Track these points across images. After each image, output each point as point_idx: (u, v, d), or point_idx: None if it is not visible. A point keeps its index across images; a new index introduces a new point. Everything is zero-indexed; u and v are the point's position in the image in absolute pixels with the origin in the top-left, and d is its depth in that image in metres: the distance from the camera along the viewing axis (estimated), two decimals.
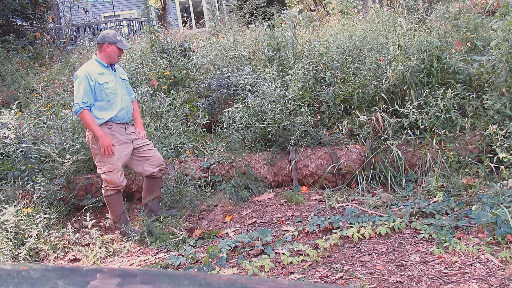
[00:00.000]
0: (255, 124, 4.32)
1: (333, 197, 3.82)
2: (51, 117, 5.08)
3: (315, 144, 4.29)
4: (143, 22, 12.51)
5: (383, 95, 4.32)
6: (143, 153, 3.65)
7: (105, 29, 12.63)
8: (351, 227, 3.13)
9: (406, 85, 4.28)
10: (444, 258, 2.69)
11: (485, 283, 2.40)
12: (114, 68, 3.56)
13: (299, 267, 2.74)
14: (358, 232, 3.06)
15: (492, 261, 2.60)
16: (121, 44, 3.46)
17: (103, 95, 3.40)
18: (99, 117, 3.41)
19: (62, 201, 4.10)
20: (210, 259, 2.88)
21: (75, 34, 12.30)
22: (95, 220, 3.77)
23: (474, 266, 2.58)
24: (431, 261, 2.68)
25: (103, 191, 3.56)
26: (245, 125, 4.37)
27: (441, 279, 2.48)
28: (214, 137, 5.05)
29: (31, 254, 3.37)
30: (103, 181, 3.53)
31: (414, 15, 5.48)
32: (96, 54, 3.53)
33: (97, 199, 4.15)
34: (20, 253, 3.30)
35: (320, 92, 4.60)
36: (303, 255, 2.85)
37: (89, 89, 3.35)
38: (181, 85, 5.83)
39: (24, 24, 12.55)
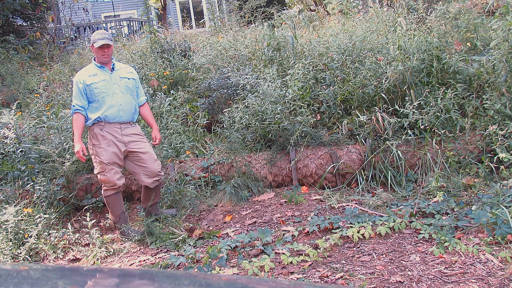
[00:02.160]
0: (255, 124, 4.32)
1: (333, 197, 3.82)
2: (51, 117, 5.08)
3: (315, 144, 4.29)
4: (143, 22, 12.51)
5: (383, 95, 4.32)
6: (138, 161, 3.57)
7: (105, 29, 12.63)
8: (351, 227, 3.13)
9: (406, 85, 4.28)
10: (444, 258, 2.69)
11: (485, 283, 2.40)
12: (113, 68, 3.55)
13: (299, 267, 2.74)
14: (358, 232, 3.06)
15: (492, 261, 2.60)
16: (96, 43, 3.44)
17: (93, 96, 3.44)
18: (90, 117, 3.45)
19: (62, 201, 4.10)
20: (210, 259, 2.88)
21: (75, 34, 12.30)
22: (95, 220, 3.77)
23: (474, 266, 2.58)
24: (431, 261, 2.68)
25: (102, 191, 3.56)
26: (245, 125, 4.37)
27: (441, 279, 2.48)
28: (214, 137, 5.05)
29: (31, 254, 3.37)
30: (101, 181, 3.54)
31: (414, 15, 5.48)
32: None
33: (97, 199, 4.16)
34: (20, 253, 3.30)
35: (320, 92, 4.60)
36: (303, 255, 2.85)
37: (79, 92, 3.44)
38: (181, 85, 5.83)
39: (24, 24, 12.54)
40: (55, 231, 3.58)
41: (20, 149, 4.24)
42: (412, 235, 3.05)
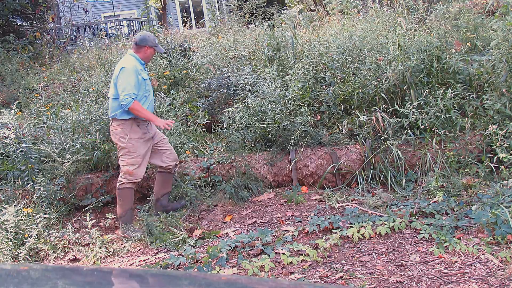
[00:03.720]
0: (255, 124, 4.32)
1: (333, 197, 3.82)
2: (51, 117, 5.08)
3: (315, 144, 4.29)
4: (143, 22, 12.51)
5: (383, 95, 4.32)
6: (161, 146, 3.79)
7: (105, 29, 12.64)
8: (351, 227, 3.13)
9: (406, 85, 4.28)
10: (444, 258, 2.69)
11: (485, 283, 2.40)
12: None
13: (299, 267, 2.74)
14: (358, 232, 3.06)
15: (492, 261, 2.60)
16: (158, 48, 3.66)
17: (143, 91, 3.53)
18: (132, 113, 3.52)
19: (62, 201, 4.09)
20: (210, 259, 2.88)
21: (75, 34, 12.30)
22: (95, 220, 3.77)
23: (474, 266, 2.58)
24: (431, 261, 2.68)
25: (117, 184, 3.61)
26: (245, 125, 4.36)
27: (441, 279, 2.48)
28: (214, 137, 5.05)
29: (31, 254, 3.37)
30: (121, 173, 3.59)
31: (414, 15, 5.48)
32: (132, 50, 3.62)
33: (97, 199, 4.15)
34: (20, 253, 3.30)
35: (320, 92, 4.60)
36: (303, 255, 2.85)
37: (137, 82, 3.47)
38: (181, 85, 5.83)
39: (24, 24, 12.54)
40: (55, 231, 3.58)
41: (20, 149, 4.24)
42: (412, 235, 3.05)
